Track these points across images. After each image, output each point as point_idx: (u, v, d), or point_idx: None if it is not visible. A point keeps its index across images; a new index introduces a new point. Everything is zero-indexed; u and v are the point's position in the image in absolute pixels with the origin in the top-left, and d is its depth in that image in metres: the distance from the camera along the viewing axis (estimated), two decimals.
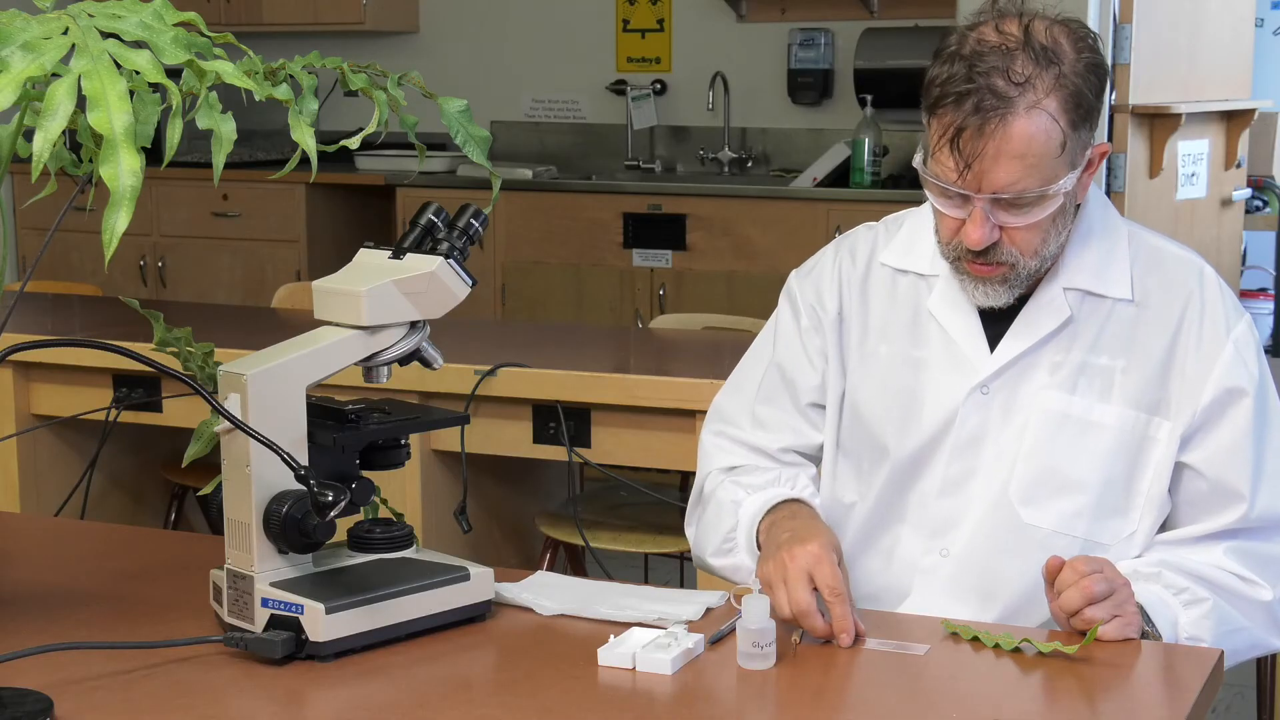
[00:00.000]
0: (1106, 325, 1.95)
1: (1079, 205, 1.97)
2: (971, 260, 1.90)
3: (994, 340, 1.98)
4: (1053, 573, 1.77)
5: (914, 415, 2.00)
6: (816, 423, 2.09)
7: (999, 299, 1.93)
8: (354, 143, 1.75)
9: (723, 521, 2.04)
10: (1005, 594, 1.95)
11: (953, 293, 1.99)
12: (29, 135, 1.57)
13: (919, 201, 2.05)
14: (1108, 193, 5.04)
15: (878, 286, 2.06)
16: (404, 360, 1.79)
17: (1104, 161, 1.94)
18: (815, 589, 1.76)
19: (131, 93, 1.50)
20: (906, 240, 2.06)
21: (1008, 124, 1.81)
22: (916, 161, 1.91)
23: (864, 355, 2.05)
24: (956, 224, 1.89)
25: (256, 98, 1.64)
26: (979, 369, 1.97)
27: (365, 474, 1.78)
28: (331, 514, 1.64)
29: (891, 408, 2.01)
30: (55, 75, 1.47)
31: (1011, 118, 1.81)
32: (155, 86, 1.61)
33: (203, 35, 1.58)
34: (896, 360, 2.02)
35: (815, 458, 2.11)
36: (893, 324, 2.04)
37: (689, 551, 3.16)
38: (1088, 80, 1.85)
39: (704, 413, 2.21)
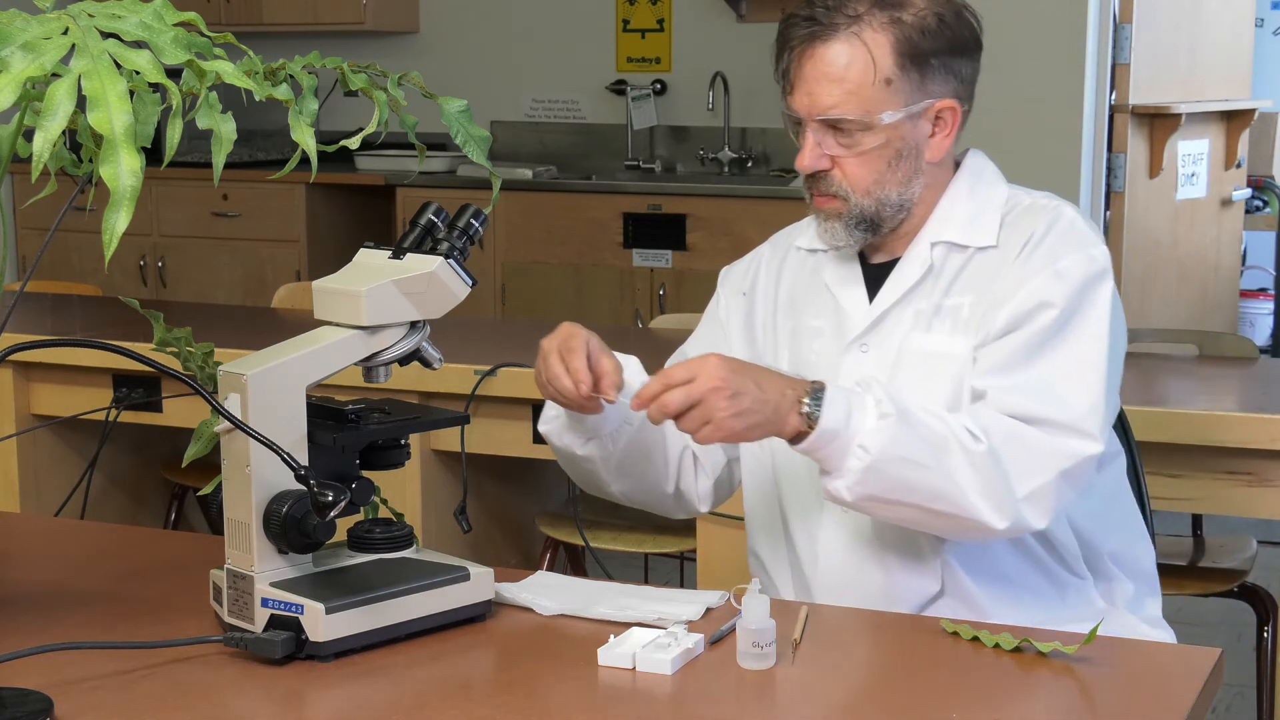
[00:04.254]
0: (964, 270, 2.01)
1: (933, 163, 2.00)
2: (812, 190, 2.01)
3: None
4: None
5: None
6: None
7: (838, 238, 2.02)
8: (354, 143, 1.75)
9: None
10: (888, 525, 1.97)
11: (846, 263, 2.07)
12: (29, 135, 1.57)
13: None
14: (1108, 193, 5.05)
15: (792, 268, 2.15)
16: (404, 360, 1.79)
17: (960, 121, 1.99)
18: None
19: (131, 93, 1.50)
20: None
21: (827, 44, 1.95)
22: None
23: (769, 330, 2.13)
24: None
25: (256, 98, 1.64)
26: (857, 326, 2.03)
27: (365, 474, 1.78)
28: (331, 514, 1.64)
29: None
30: (55, 75, 1.47)
31: (831, 39, 1.95)
32: (155, 86, 1.61)
33: (203, 35, 1.58)
34: (799, 332, 2.10)
35: None
36: (798, 299, 2.12)
37: (689, 551, 3.18)
38: (928, 27, 1.95)
39: None
